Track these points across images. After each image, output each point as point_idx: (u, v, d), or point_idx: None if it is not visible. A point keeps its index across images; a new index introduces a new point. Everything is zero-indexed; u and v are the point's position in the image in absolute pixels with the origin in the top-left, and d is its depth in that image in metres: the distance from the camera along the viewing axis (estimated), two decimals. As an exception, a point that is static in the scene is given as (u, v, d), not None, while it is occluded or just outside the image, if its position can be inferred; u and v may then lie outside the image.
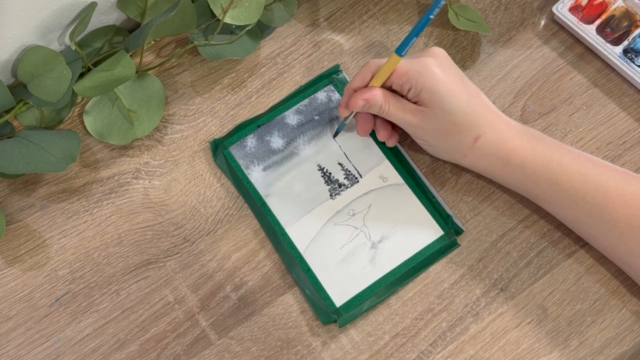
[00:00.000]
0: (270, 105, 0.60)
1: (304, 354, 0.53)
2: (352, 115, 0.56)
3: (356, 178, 0.57)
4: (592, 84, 0.60)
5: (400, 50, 0.50)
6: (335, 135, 0.58)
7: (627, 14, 0.60)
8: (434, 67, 0.51)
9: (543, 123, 0.59)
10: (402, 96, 0.53)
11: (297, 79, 0.60)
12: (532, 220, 0.56)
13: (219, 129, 0.59)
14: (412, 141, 0.57)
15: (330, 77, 0.60)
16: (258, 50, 0.61)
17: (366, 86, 0.53)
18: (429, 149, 0.55)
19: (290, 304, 0.54)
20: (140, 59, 0.58)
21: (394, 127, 0.56)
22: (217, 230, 0.56)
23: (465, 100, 0.51)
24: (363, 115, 0.56)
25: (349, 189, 0.56)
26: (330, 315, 0.53)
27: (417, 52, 0.62)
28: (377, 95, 0.52)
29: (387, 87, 0.53)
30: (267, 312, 0.54)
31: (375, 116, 0.56)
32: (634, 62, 0.59)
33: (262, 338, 0.53)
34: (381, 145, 0.58)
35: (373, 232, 0.55)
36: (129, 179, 0.57)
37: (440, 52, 0.52)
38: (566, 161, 0.51)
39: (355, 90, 0.54)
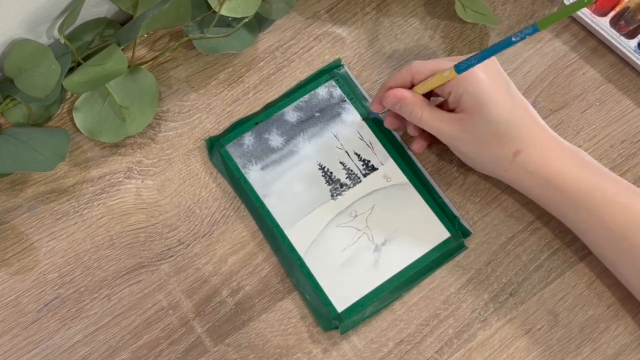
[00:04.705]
0: (269, 101, 0.59)
1: (304, 362, 0.52)
2: (383, 112, 0.55)
3: (358, 178, 0.55)
4: (606, 79, 0.59)
5: (460, 68, 0.48)
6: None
7: (642, 6, 0.59)
8: (480, 71, 0.48)
9: (554, 120, 0.58)
10: (441, 104, 0.51)
11: (296, 74, 0.59)
12: (543, 222, 0.55)
13: (215, 126, 0.58)
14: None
15: (331, 72, 0.58)
16: (256, 43, 0.60)
17: (409, 88, 0.52)
18: (468, 161, 0.53)
19: (289, 310, 0.53)
20: (133, 53, 0.57)
21: (427, 138, 0.55)
22: (213, 232, 0.55)
23: (509, 111, 0.48)
24: (394, 112, 0.54)
25: (351, 189, 0.55)
26: (332, 321, 0.52)
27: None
28: (408, 98, 0.51)
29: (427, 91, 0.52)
30: (266, 318, 0.53)
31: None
32: (649, 56, 0.57)
33: (260, 345, 0.52)
34: (385, 143, 0.56)
35: (376, 234, 0.54)
36: (120, 179, 0.56)
37: None
38: (611, 192, 0.48)
39: (390, 89, 0.52)
